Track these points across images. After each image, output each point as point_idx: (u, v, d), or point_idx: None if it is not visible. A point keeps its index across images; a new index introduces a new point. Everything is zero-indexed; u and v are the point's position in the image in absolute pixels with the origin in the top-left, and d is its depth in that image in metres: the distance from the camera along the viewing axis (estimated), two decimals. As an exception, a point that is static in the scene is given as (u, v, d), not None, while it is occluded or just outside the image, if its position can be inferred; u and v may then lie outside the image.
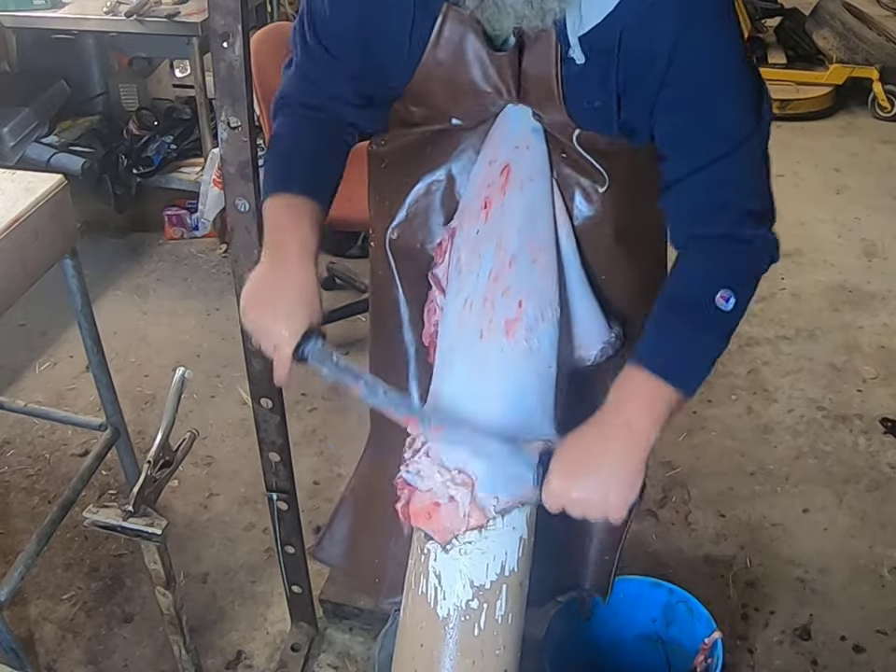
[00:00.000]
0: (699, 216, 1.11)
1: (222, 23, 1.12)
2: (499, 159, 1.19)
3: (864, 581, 1.99)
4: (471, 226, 1.20)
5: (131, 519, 1.22)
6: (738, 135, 1.07)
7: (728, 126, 1.07)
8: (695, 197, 1.10)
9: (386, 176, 1.33)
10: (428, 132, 1.24)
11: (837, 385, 2.58)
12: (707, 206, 1.10)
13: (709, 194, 1.09)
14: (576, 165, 1.20)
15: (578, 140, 1.17)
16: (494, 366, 1.15)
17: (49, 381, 2.64)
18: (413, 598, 1.19)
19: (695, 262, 1.12)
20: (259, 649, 1.87)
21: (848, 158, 3.94)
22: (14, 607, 1.90)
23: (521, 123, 1.19)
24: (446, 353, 1.20)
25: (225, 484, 2.27)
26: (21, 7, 2.93)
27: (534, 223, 1.20)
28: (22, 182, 1.65)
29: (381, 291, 1.40)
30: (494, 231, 1.18)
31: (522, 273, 1.17)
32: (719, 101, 1.07)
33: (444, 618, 1.14)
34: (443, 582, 1.14)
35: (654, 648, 1.64)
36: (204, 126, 3.08)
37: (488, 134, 1.21)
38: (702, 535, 2.12)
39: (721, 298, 1.07)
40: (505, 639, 1.16)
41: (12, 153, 3.12)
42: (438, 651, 1.15)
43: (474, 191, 1.22)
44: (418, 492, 1.15)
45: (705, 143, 1.07)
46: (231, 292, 1.46)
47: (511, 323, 1.15)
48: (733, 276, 1.09)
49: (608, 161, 1.19)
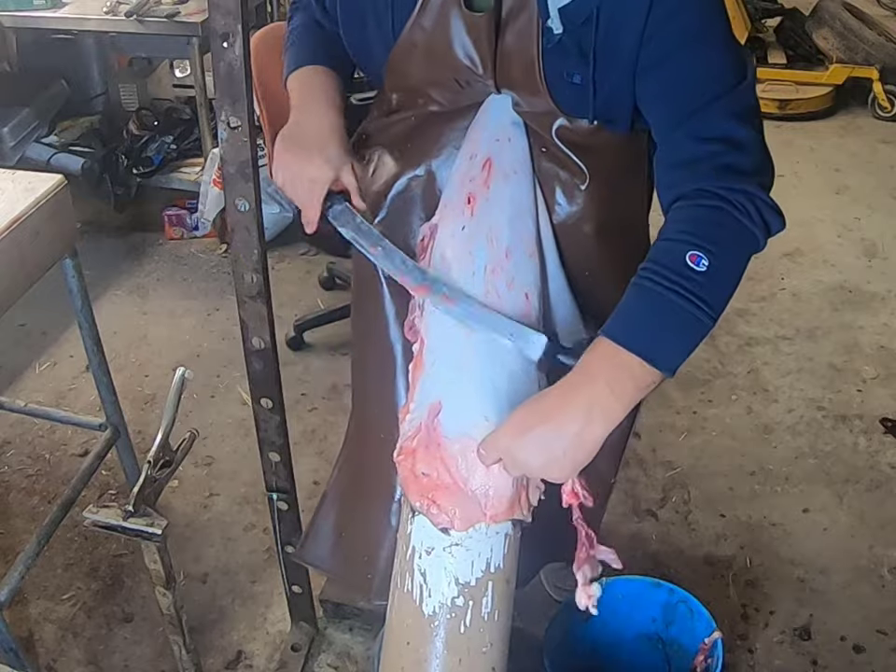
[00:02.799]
0: (680, 172, 1.05)
1: (222, 23, 1.12)
2: (480, 153, 1.19)
3: (864, 581, 1.99)
4: (455, 222, 1.19)
5: (131, 519, 1.22)
6: (719, 87, 1.02)
7: (708, 75, 1.03)
8: (677, 153, 1.05)
9: (367, 174, 1.34)
10: (409, 123, 1.26)
11: (837, 385, 2.58)
12: (687, 161, 1.03)
13: (691, 148, 1.03)
14: (556, 160, 1.19)
15: (556, 133, 1.16)
16: (514, 358, 1.13)
17: (49, 381, 2.64)
18: (398, 596, 1.19)
19: (670, 222, 1.03)
20: (259, 649, 1.87)
21: (848, 158, 3.94)
22: (14, 607, 1.90)
23: (501, 116, 1.19)
24: (446, 353, 1.18)
25: (225, 484, 2.27)
26: (20, 7, 2.93)
27: (522, 216, 1.19)
28: (22, 182, 1.65)
29: (365, 290, 1.40)
30: (482, 225, 1.17)
31: (520, 265, 1.17)
32: (698, 50, 1.03)
33: (430, 616, 1.14)
34: (429, 580, 1.14)
35: (654, 648, 1.64)
36: (204, 126, 3.08)
37: (469, 129, 1.21)
38: (702, 535, 2.12)
39: (691, 258, 0.96)
40: (492, 637, 1.16)
41: (12, 153, 3.12)
42: (424, 648, 1.15)
43: (455, 187, 1.21)
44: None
45: (684, 95, 1.03)
46: (230, 292, 1.46)
47: (523, 316, 1.15)
48: (706, 235, 0.98)
49: (588, 157, 1.18)
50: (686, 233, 0.99)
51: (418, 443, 1.12)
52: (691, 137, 1.03)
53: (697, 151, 1.02)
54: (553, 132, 1.17)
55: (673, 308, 0.96)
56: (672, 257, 0.98)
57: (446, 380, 1.15)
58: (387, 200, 1.30)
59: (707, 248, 0.97)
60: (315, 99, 1.24)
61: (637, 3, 1.01)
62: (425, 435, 1.12)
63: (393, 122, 1.29)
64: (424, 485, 1.12)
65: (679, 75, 1.03)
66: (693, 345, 0.99)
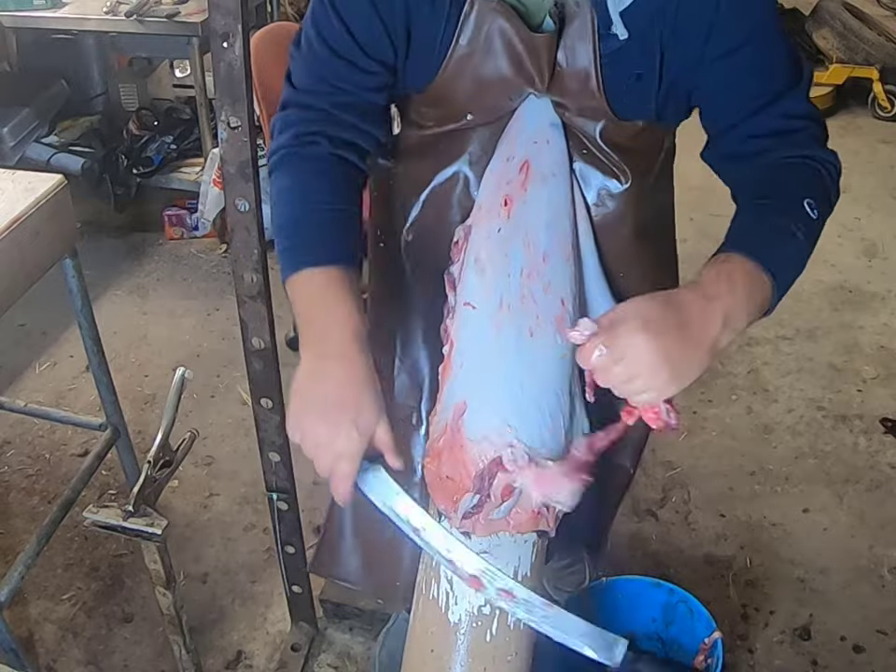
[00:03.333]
0: (768, 141, 1.08)
1: (222, 23, 1.12)
2: (517, 155, 1.16)
3: (864, 581, 1.99)
4: (491, 224, 1.16)
5: (131, 519, 1.22)
6: (789, 78, 1.07)
7: (780, 64, 1.07)
8: (766, 126, 1.08)
9: (398, 179, 1.30)
10: (440, 132, 1.21)
11: (837, 385, 2.58)
12: (778, 132, 1.08)
13: (778, 124, 1.08)
14: (595, 161, 1.17)
15: (601, 134, 1.15)
16: (547, 363, 1.11)
17: (49, 381, 2.64)
18: (423, 603, 1.17)
19: (775, 175, 1.08)
20: (259, 649, 1.87)
21: (849, 158, 3.89)
22: (14, 607, 1.90)
23: (539, 118, 1.16)
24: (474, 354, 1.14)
25: (225, 484, 2.27)
26: (21, 7, 2.93)
27: (559, 219, 1.17)
28: (22, 182, 1.65)
29: (388, 296, 1.36)
30: (519, 228, 1.15)
31: (557, 269, 1.15)
32: (768, 40, 1.06)
33: (456, 623, 1.12)
34: (455, 588, 1.12)
35: (654, 648, 1.64)
36: (204, 126, 3.08)
37: (505, 131, 1.17)
38: (702, 535, 2.12)
39: (808, 205, 1.03)
40: (517, 646, 1.14)
41: (12, 153, 3.12)
42: (449, 656, 1.13)
43: (491, 189, 1.18)
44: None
45: (760, 83, 1.07)
46: (230, 292, 1.46)
47: (559, 320, 1.12)
48: (814, 190, 1.05)
49: (629, 157, 1.17)
50: (799, 184, 1.05)
51: (443, 445, 1.09)
52: (777, 114, 1.07)
53: (787, 125, 1.08)
54: (597, 132, 1.15)
55: (797, 245, 1.01)
56: (793, 201, 1.03)
57: (473, 381, 1.10)
58: (420, 202, 1.26)
59: (817, 201, 1.03)
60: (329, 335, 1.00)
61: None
62: (449, 437, 1.09)
63: (424, 134, 1.23)
64: (448, 489, 1.08)
65: (754, 64, 1.06)
66: (796, 279, 1.03)
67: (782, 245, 1.00)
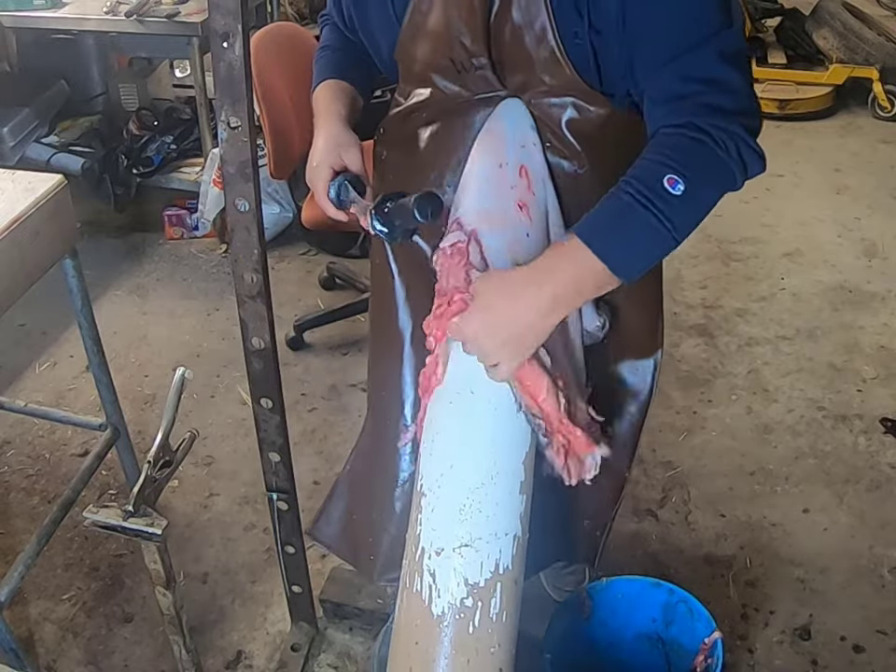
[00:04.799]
0: (667, 107, 1.08)
1: (222, 23, 1.12)
2: (510, 161, 1.21)
3: (864, 581, 1.99)
4: (516, 230, 1.21)
5: (131, 519, 1.22)
6: (706, 29, 1.05)
7: (695, 17, 1.05)
8: (664, 90, 1.08)
9: (386, 171, 1.39)
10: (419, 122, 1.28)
11: (837, 385, 2.58)
12: (674, 97, 1.07)
13: (677, 86, 1.06)
14: (559, 153, 1.22)
15: (567, 125, 1.19)
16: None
17: (49, 381, 2.64)
18: (407, 596, 1.19)
19: (654, 145, 1.07)
20: (259, 649, 1.87)
21: (849, 158, 3.94)
22: (14, 607, 1.90)
23: (519, 122, 1.20)
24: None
25: (225, 484, 2.27)
26: (21, 7, 2.93)
27: (559, 218, 1.24)
28: (22, 182, 1.65)
29: (378, 277, 1.46)
30: (541, 231, 1.21)
31: None
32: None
33: (439, 616, 1.15)
34: (438, 581, 1.14)
35: (654, 648, 1.64)
36: (204, 126, 3.08)
37: (480, 136, 1.23)
38: (702, 535, 2.12)
39: (669, 181, 1.02)
40: (500, 637, 1.16)
41: (12, 153, 3.12)
42: (432, 649, 1.15)
43: (492, 195, 1.22)
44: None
45: (672, 34, 1.06)
46: (230, 292, 1.46)
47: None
48: (686, 163, 1.03)
49: (590, 146, 1.21)
50: (668, 158, 1.04)
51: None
52: (678, 76, 1.06)
53: (684, 89, 1.06)
54: (562, 123, 1.19)
55: (645, 224, 1.03)
56: (652, 176, 1.03)
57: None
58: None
59: (685, 175, 1.02)
60: (323, 115, 1.36)
61: None
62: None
63: (406, 122, 1.32)
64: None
65: (667, 14, 1.06)
66: (654, 261, 1.10)
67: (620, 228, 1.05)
